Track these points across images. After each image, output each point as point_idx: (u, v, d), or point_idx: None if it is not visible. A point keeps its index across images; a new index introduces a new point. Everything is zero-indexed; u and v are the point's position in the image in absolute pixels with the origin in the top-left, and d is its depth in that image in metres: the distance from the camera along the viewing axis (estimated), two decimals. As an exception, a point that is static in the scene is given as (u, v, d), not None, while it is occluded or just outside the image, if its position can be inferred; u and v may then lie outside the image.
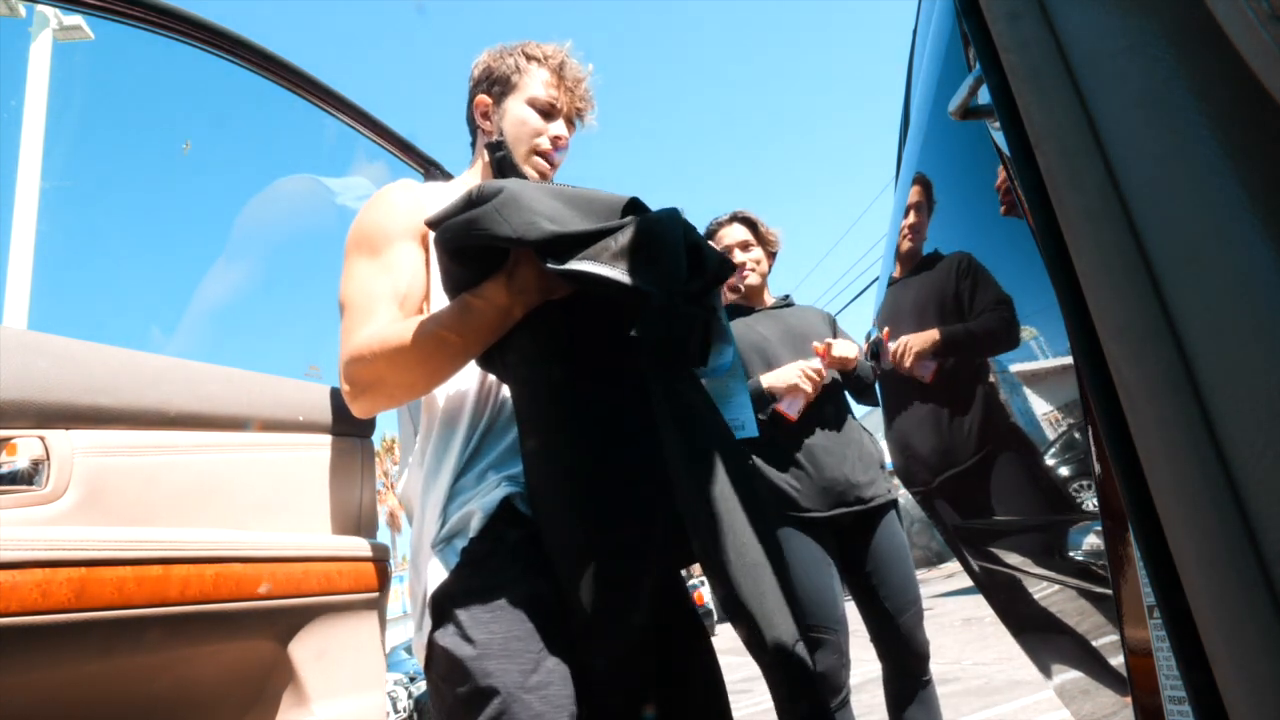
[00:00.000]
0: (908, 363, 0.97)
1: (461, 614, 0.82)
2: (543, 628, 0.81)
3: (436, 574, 0.85)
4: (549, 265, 0.78)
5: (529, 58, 1.11)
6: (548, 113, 1.10)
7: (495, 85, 1.11)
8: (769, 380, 1.77)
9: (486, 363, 0.90)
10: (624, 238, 0.79)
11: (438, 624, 0.84)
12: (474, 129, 1.16)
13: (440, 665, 0.83)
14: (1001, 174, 0.59)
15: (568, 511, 0.84)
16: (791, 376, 1.75)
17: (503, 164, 1.09)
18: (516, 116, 1.09)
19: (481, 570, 0.84)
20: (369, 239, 0.97)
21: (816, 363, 1.77)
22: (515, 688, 0.78)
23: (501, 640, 0.80)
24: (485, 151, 1.12)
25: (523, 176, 1.09)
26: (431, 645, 0.84)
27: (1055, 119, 0.40)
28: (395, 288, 0.93)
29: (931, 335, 0.89)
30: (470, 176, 1.15)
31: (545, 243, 0.77)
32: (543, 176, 1.11)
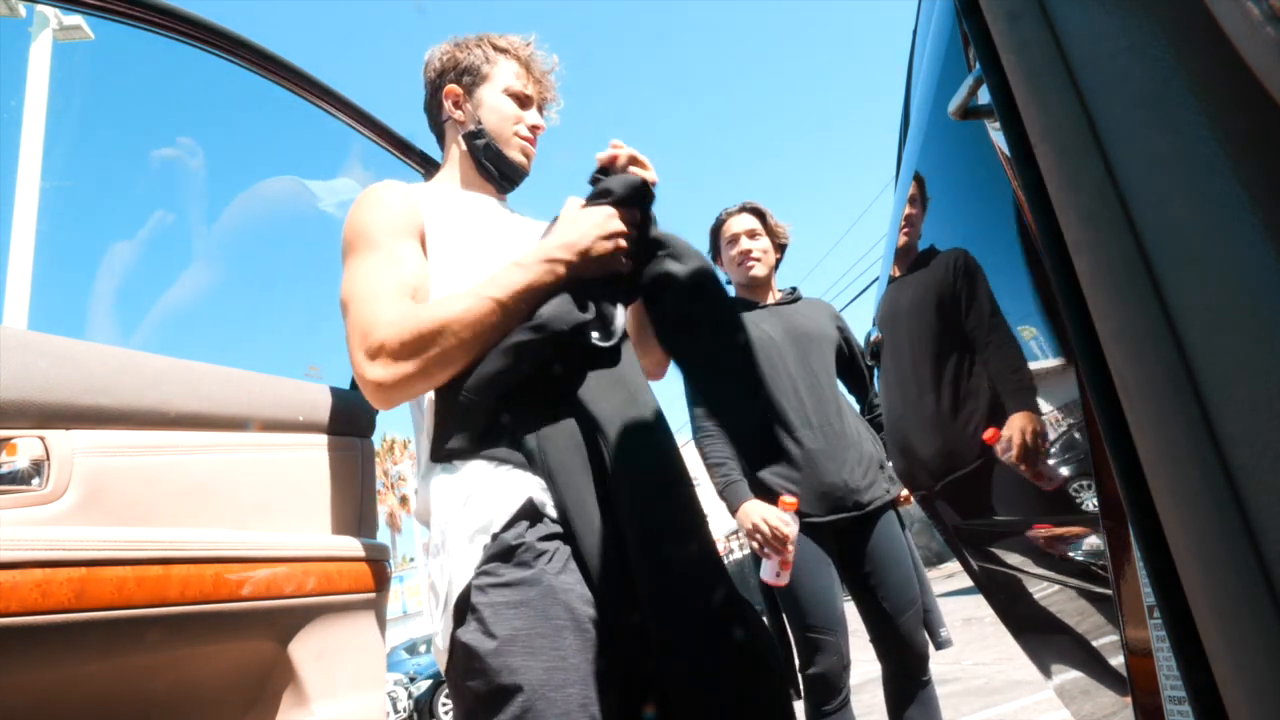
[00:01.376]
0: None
1: (485, 610, 0.80)
2: (564, 625, 0.80)
3: (458, 571, 0.84)
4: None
5: (497, 49, 1.11)
6: (522, 102, 1.10)
7: (465, 75, 1.10)
8: (739, 518, 1.70)
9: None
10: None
11: (459, 621, 0.83)
12: (439, 121, 1.14)
13: (461, 661, 0.82)
14: (1001, 174, 0.59)
15: (596, 503, 0.84)
16: (746, 524, 1.65)
17: (487, 151, 1.09)
18: (494, 105, 1.09)
19: (504, 566, 0.82)
20: (367, 235, 0.96)
21: (775, 516, 1.64)
22: (540, 685, 0.77)
23: (525, 636, 0.79)
24: (462, 141, 1.11)
25: (509, 163, 1.10)
26: (453, 642, 0.83)
27: (1055, 119, 0.40)
28: (404, 279, 0.93)
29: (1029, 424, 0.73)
30: (450, 172, 1.13)
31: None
32: (526, 159, 1.12)
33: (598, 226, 0.92)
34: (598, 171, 0.99)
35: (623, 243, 0.94)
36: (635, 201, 0.94)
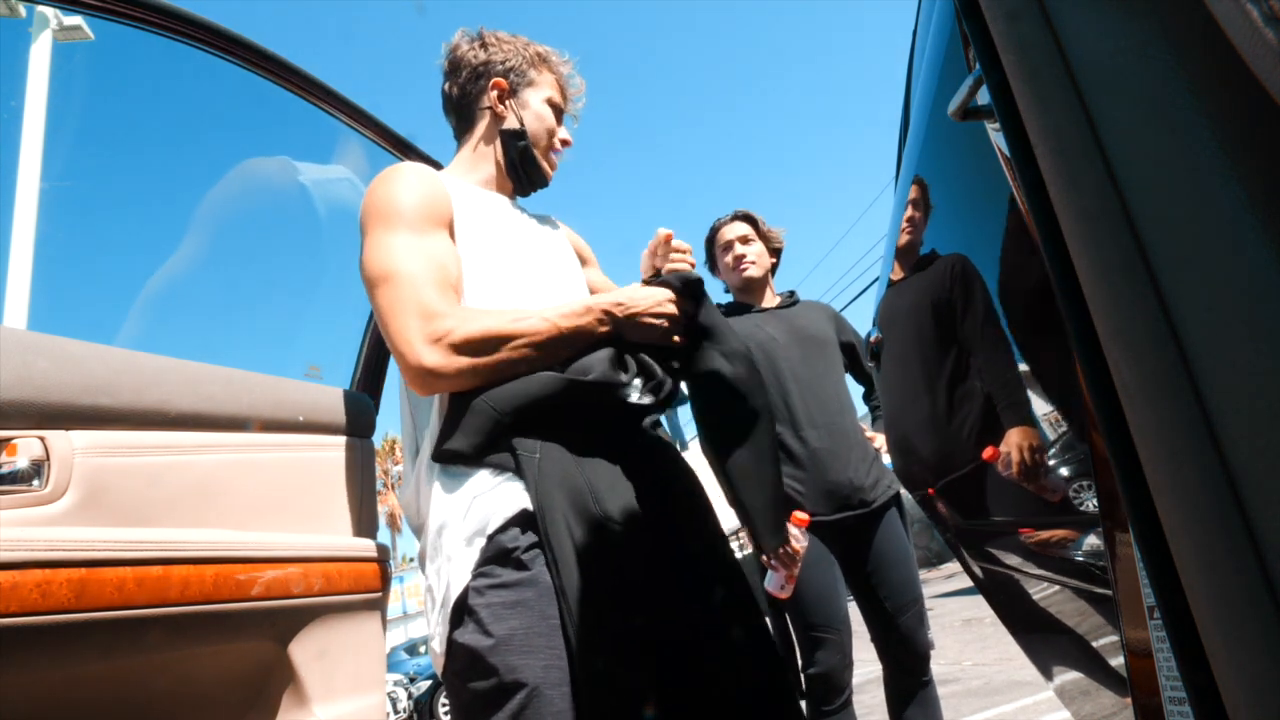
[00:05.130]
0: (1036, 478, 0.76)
1: (482, 611, 0.81)
2: (557, 626, 0.81)
3: (456, 574, 0.84)
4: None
5: (542, 58, 1.13)
6: (558, 116, 1.13)
7: (513, 74, 1.11)
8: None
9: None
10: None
11: (457, 622, 0.83)
12: (477, 107, 1.12)
13: (459, 661, 0.82)
14: (1001, 174, 0.59)
15: (571, 512, 0.85)
16: None
17: (524, 155, 1.10)
18: (538, 112, 1.11)
19: (501, 568, 0.83)
20: (400, 213, 0.93)
21: (793, 531, 1.61)
22: (540, 682, 0.78)
23: (523, 635, 0.80)
24: (501, 137, 1.10)
25: (539, 171, 1.13)
26: (450, 644, 0.83)
27: (1055, 120, 0.40)
28: (447, 269, 0.93)
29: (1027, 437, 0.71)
30: (470, 165, 1.13)
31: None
32: (552, 170, 1.14)
33: (651, 301, 0.98)
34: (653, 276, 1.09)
35: (668, 322, 1.00)
36: (690, 293, 1.03)
